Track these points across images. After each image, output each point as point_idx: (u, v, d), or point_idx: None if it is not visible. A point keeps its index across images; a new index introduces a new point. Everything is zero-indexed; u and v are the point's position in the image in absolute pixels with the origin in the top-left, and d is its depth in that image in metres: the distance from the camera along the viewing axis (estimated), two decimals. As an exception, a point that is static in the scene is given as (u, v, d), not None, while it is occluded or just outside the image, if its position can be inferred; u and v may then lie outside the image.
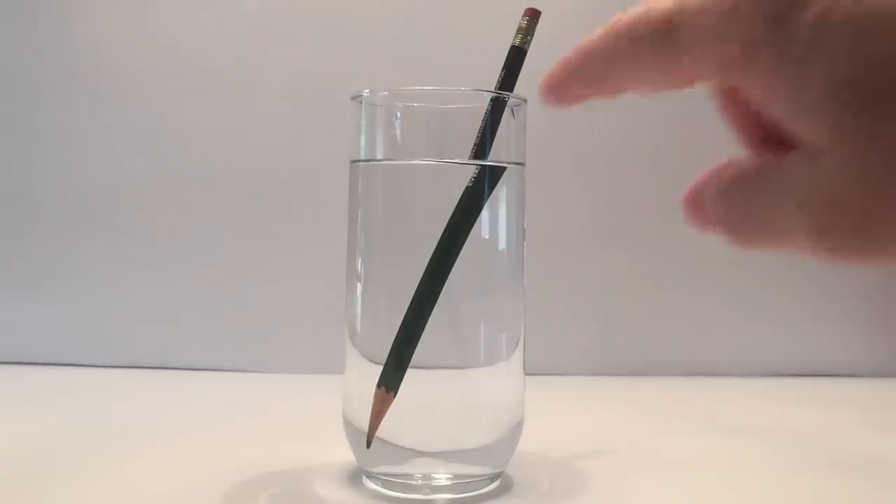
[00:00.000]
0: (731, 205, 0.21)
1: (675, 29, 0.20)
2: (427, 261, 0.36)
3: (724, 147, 0.22)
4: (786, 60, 0.18)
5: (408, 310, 0.35)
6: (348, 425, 0.39)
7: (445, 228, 0.36)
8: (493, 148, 0.37)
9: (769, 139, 0.21)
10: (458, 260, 0.36)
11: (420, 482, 0.38)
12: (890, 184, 0.17)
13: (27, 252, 0.70)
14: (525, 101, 0.38)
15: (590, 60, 0.22)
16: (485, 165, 0.36)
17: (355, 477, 0.40)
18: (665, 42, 0.20)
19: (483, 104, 0.37)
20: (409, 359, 0.35)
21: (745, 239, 0.20)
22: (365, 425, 0.36)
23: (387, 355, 0.36)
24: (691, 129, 0.66)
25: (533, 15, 0.37)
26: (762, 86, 0.19)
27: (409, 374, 0.36)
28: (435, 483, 0.38)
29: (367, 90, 0.38)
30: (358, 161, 0.39)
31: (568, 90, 0.23)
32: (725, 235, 0.21)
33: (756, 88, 0.19)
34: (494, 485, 0.39)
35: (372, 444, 0.36)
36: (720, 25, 0.19)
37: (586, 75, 0.23)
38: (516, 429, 0.39)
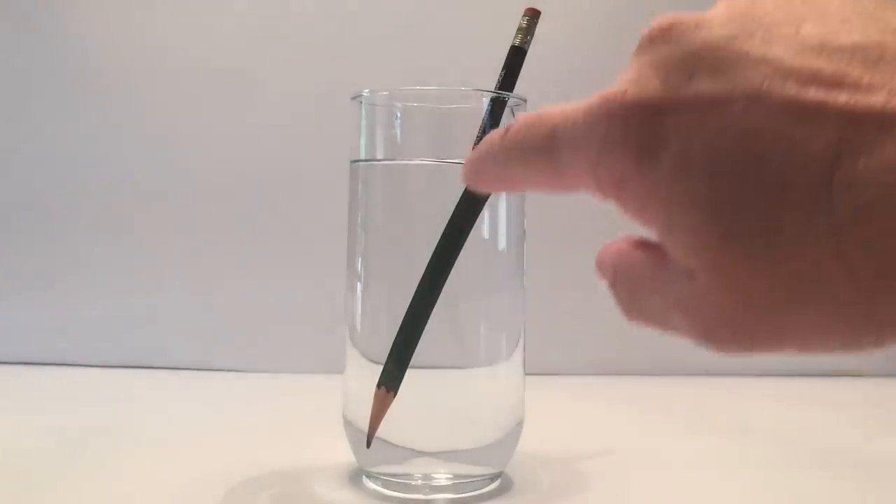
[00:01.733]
0: (626, 297, 0.23)
1: (555, 151, 0.22)
2: (427, 261, 0.36)
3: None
4: (652, 194, 0.20)
5: (408, 310, 0.35)
6: (348, 425, 0.39)
7: (445, 228, 0.36)
8: (493, 148, 0.36)
9: None
10: (458, 260, 0.36)
11: (420, 482, 0.38)
12: (753, 304, 0.18)
13: (26, 253, 0.70)
14: (525, 101, 0.38)
15: (490, 164, 0.25)
16: (485, 165, 0.36)
17: (355, 477, 0.40)
18: (547, 162, 0.22)
19: (483, 104, 0.37)
20: (409, 359, 0.35)
21: (639, 324, 0.22)
22: (365, 425, 0.36)
23: (387, 355, 0.36)
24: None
25: (533, 15, 0.37)
26: (635, 210, 0.21)
27: (409, 374, 0.35)
28: (435, 483, 0.38)
29: (367, 90, 0.38)
30: (358, 161, 0.39)
31: (480, 185, 0.26)
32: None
33: (630, 210, 0.21)
34: (494, 485, 0.39)
35: (372, 444, 0.36)
36: (592, 155, 0.21)
37: (489, 176, 0.25)
38: (516, 429, 0.39)
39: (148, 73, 0.69)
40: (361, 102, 0.39)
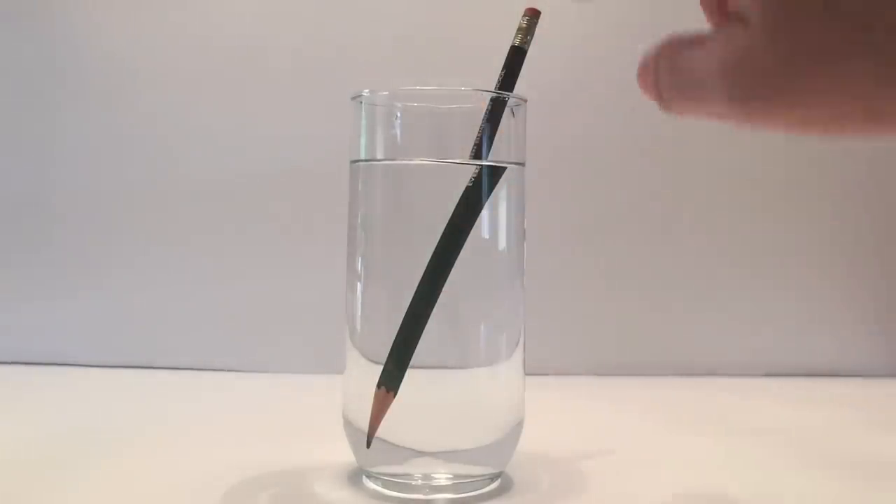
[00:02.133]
0: (666, 67, 0.22)
1: None
2: (427, 261, 0.36)
3: (724, 146, 0.22)
4: None
5: (408, 310, 0.35)
6: (348, 425, 0.39)
7: (445, 228, 0.36)
8: (493, 148, 0.37)
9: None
10: (458, 260, 0.36)
11: (420, 482, 0.38)
12: (803, 51, 0.18)
13: (27, 253, 0.70)
14: (525, 101, 0.38)
15: None
16: (485, 165, 0.36)
17: (355, 477, 0.40)
18: None
19: (483, 104, 0.37)
20: (409, 359, 0.35)
21: (669, 102, 0.22)
22: (365, 425, 0.36)
23: (387, 355, 0.36)
24: (692, 130, 0.66)
25: (533, 15, 0.37)
26: None
27: (409, 374, 0.36)
28: (435, 483, 0.38)
29: (367, 90, 0.38)
30: (358, 161, 0.39)
31: None
32: (655, 99, 0.23)
33: None
34: (494, 485, 0.39)
35: (372, 444, 0.36)
36: None
37: None
38: (516, 429, 0.39)
39: (146, 74, 0.69)
40: (361, 102, 0.39)
